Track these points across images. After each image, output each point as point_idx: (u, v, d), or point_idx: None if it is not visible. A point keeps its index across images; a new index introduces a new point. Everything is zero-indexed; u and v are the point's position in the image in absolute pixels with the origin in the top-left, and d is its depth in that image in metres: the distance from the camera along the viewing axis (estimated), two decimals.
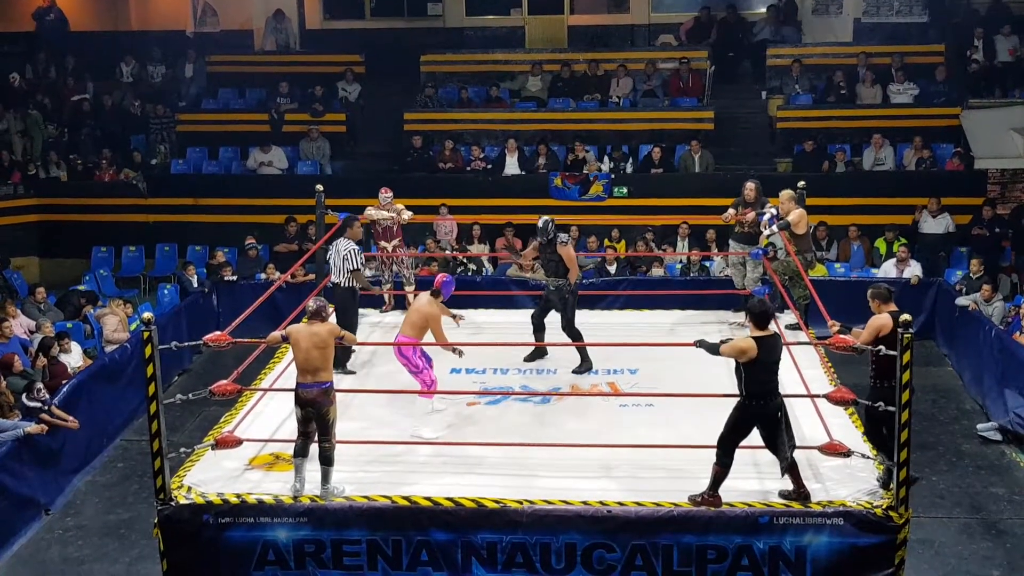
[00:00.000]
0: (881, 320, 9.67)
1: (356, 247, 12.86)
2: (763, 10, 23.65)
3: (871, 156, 19.90)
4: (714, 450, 9.42)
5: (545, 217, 12.68)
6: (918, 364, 9.57)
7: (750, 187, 14.12)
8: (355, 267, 12.82)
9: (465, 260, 18.38)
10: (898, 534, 9.23)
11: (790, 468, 9.33)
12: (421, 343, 11.23)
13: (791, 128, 21.12)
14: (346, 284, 12.82)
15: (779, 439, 9.25)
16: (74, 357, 14.52)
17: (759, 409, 9.20)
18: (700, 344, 9.62)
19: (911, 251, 17.45)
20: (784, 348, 9.98)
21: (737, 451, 9.34)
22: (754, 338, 9.21)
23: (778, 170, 20.34)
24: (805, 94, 21.80)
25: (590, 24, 24.73)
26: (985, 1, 22.34)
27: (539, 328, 12.72)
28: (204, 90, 23.81)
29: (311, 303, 10.17)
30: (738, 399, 9.31)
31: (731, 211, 14.22)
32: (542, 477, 9.91)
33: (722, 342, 9.43)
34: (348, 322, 12.36)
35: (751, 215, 13.88)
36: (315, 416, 9.62)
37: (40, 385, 12.49)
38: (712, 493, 9.31)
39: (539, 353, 12.82)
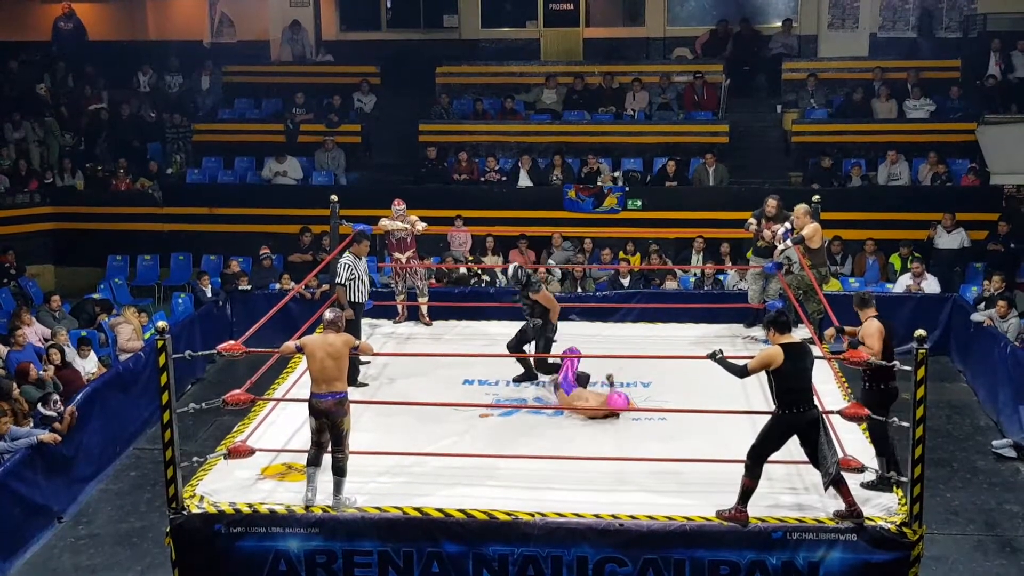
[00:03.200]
0: (877, 324, 9.91)
1: (351, 261, 12.87)
2: (778, 24, 23.64)
3: (886, 171, 19.86)
4: (729, 463, 9.40)
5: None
6: (932, 380, 9.54)
7: (772, 203, 14.11)
8: (338, 281, 12.88)
9: (479, 271, 18.39)
10: (912, 550, 9.19)
11: (836, 483, 9.20)
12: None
13: (806, 142, 21.10)
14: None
15: (820, 452, 9.17)
16: (90, 363, 14.58)
17: (793, 419, 9.13)
18: (717, 358, 9.55)
19: (926, 266, 17.39)
20: None
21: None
22: (780, 345, 9.19)
23: (791, 183, 20.32)
24: (820, 108, 21.79)
25: (605, 37, 24.72)
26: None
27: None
28: (220, 100, 23.90)
29: (327, 313, 10.17)
30: (773, 410, 9.27)
31: (753, 222, 14.21)
32: (554, 489, 9.88)
33: (744, 366, 9.41)
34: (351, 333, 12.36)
35: (777, 228, 13.83)
36: (329, 426, 9.63)
37: (56, 396, 12.52)
38: (740, 508, 9.25)
39: (528, 376, 12.76)
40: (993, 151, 19.57)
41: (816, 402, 9.35)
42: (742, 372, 9.40)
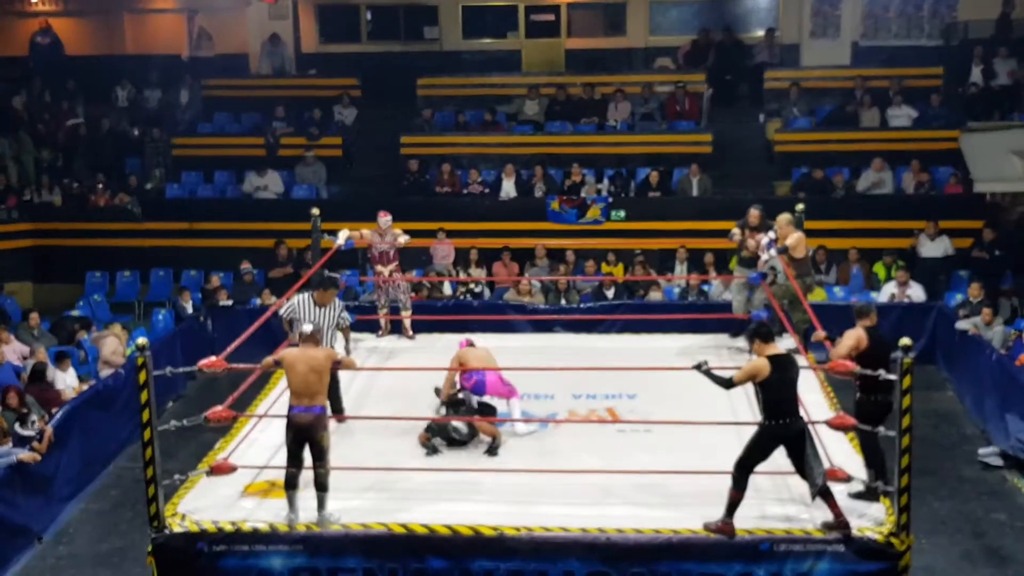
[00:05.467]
0: (858, 333, 9.83)
1: (297, 301, 11.93)
2: (760, 33, 23.67)
3: (867, 179, 19.86)
4: (715, 475, 9.34)
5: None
6: (918, 389, 9.49)
7: (755, 213, 14.08)
8: (280, 312, 12.07)
9: (463, 283, 18.33)
10: (899, 561, 9.15)
11: (823, 494, 9.19)
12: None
13: (789, 151, 21.11)
14: None
15: (806, 463, 9.15)
16: (70, 376, 14.44)
17: (780, 430, 9.11)
18: (702, 369, 9.49)
19: (910, 274, 17.38)
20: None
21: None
22: (766, 356, 9.15)
23: (776, 193, 20.31)
24: (803, 117, 21.80)
25: (587, 48, 24.76)
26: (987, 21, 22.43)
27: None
28: (199, 114, 23.80)
29: (305, 327, 10.08)
30: (759, 421, 9.23)
31: (737, 231, 14.18)
32: (540, 504, 9.82)
33: (730, 378, 9.36)
34: None
35: (761, 238, 13.80)
36: (309, 441, 9.52)
37: (35, 417, 12.38)
38: (727, 520, 9.21)
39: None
40: (976, 159, 19.59)
41: (802, 412, 9.30)
42: (728, 384, 9.36)
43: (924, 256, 18.33)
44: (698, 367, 9.51)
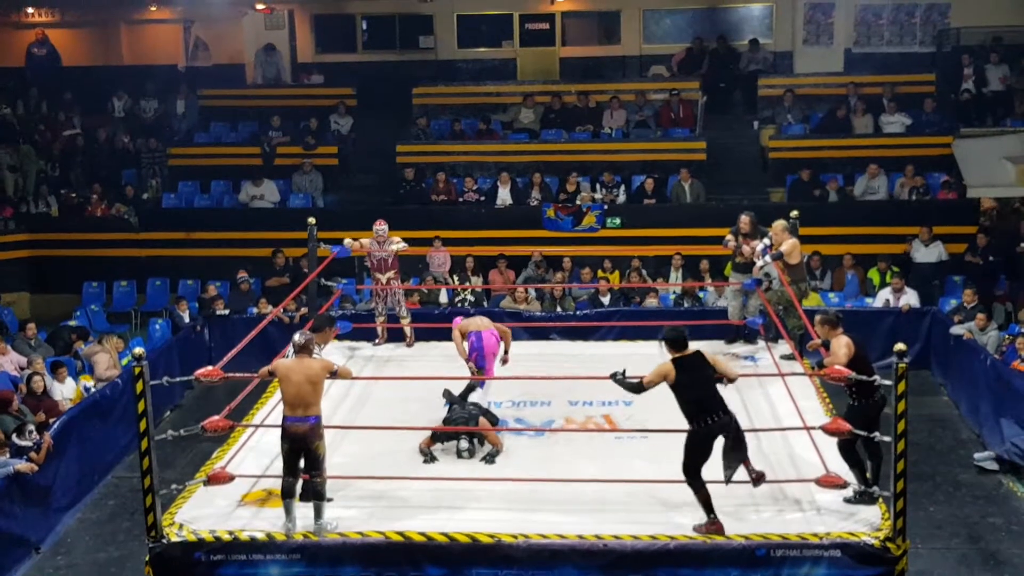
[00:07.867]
0: (847, 340, 9.97)
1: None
2: (755, 40, 23.73)
3: (862, 185, 19.92)
4: (711, 482, 9.38)
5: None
6: (913, 394, 9.52)
7: (745, 219, 14.09)
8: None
9: (462, 290, 18.34)
10: (896, 565, 9.18)
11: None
12: None
13: (783, 158, 21.15)
14: None
15: (725, 453, 9.38)
16: (68, 388, 14.42)
17: (708, 429, 9.29)
18: (617, 379, 9.63)
19: (904, 280, 17.40)
20: (779, 379, 9.92)
21: (733, 486, 9.34)
22: (671, 360, 9.30)
23: (770, 200, 20.35)
24: (797, 124, 21.85)
25: (582, 56, 24.80)
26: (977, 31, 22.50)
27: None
28: (196, 124, 23.82)
29: (298, 337, 10.08)
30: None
31: (731, 238, 14.21)
32: (537, 511, 9.83)
33: (640, 381, 9.58)
34: None
35: (756, 244, 13.82)
36: (304, 451, 9.54)
37: (31, 427, 12.37)
38: (711, 519, 9.28)
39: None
40: (969, 164, 19.65)
41: (730, 410, 9.42)
42: (639, 388, 9.55)
43: (918, 261, 18.37)
44: (613, 376, 9.68)
